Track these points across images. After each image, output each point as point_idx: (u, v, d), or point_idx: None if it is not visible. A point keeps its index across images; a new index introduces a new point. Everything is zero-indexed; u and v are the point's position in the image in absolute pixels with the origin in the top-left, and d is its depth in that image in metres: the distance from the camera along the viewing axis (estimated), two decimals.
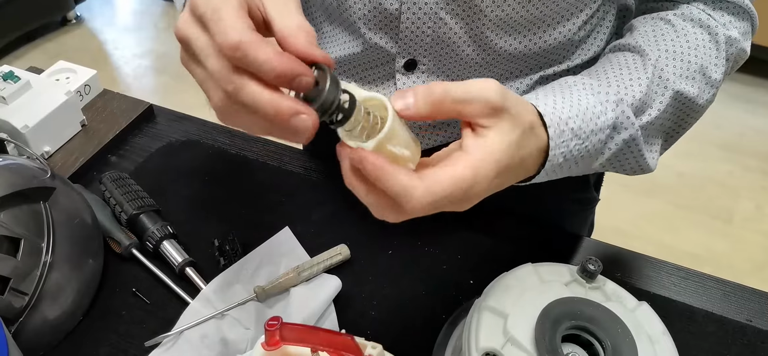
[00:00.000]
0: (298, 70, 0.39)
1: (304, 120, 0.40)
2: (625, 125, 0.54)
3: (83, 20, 3.41)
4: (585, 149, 0.51)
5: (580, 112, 0.51)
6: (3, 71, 0.87)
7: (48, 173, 0.70)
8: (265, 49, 0.38)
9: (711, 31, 0.59)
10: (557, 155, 0.50)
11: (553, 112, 0.50)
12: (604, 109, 0.53)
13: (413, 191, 0.42)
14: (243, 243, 0.74)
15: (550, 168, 0.50)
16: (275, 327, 0.45)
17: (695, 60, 0.58)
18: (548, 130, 0.49)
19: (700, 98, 0.59)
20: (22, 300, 0.63)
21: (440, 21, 0.62)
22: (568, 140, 0.50)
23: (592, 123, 0.51)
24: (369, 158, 0.41)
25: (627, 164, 0.58)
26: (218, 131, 0.92)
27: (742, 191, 2.31)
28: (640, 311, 0.55)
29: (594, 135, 0.52)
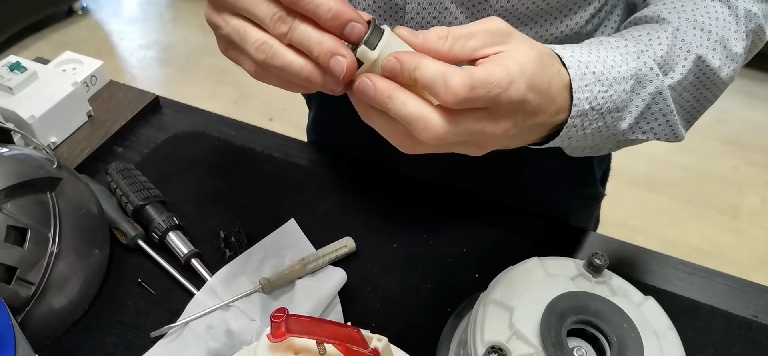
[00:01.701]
0: (352, 15, 0.40)
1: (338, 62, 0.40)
2: (650, 77, 0.52)
3: (89, 11, 3.41)
4: (610, 98, 0.49)
5: (600, 59, 0.50)
6: (10, 62, 0.87)
7: (55, 163, 0.71)
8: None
9: (730, 4, 0.57)
10: (582, 99, 0.48)
11: (571, 55, 0.48)
12: (625, 58, 0.51)
13: (450, 73, 0.40)
14: (248, 235, 0.74)
15: (577, 115, 0.48)
16: (281, 319, 0.45)
17: (716, 30, 0.56)
18: (569, 71, 0.47)
19: (721, 71, 0.57)
20: (29, 290, 0.63)
21: (445, 11, 0.62)
22: (591, 85, 0.48)
23: (613, 71, 0.50)
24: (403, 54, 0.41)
25: (657, 124, 0.55)
26: (224, 123, 0.92)
27: (747, 185, 2.31)
28: (646, 306, 0.55)
29: (617, 83, 0.50)
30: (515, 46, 0.43)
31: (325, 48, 0.40)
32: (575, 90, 0.47)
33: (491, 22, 0.44)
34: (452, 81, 0.39)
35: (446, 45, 0.42)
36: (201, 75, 2.93)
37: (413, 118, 0.41)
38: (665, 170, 2.36)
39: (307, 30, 0.41)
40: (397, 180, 0.82)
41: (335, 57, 0.40)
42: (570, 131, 0.49)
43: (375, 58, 0.41)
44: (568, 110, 0.48)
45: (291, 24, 0.41)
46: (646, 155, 2.37)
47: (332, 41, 0.41)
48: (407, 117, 0.41)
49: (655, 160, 2.38)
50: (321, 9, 0.40)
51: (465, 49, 0.43)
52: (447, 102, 0.40)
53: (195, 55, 3.07)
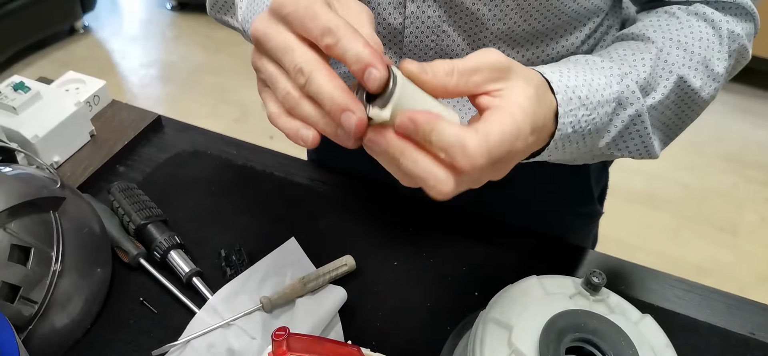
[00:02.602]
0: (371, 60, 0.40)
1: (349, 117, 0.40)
2: (631, 99, 0.54)
3: (91, 30, 3.44)
4: (592, 121, 0.51)
5: (587, 82, 0.51)
6: (14, 82, 0.88)
7: (58, 182, 0.71)
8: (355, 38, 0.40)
9: (714, 25, 0.59)
10: (566, 124, 0.49)
11: (559, 79, 0.50)
12: (609, 82, 0.53)
13: (467, 140, 0.40)
14: (249, 254, 0.74)
15: (559, 138, 0.49)
16: (282, 338, 0.46)
17: (699, 51, 0.58)
18: (557, 96, 0.48)
19: (703, 91, 0.59)
20: (32, 308, 0.64)
21: (443, 34, 0.63)
22: (576, 109, 0.49)
23: (598, 94, 0.51)
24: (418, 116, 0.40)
25: (632, 144, 0.57)
26: (225, 142, 0.93)
27: (746, 203, 2.31)
28: (644, 324, 0.55)
29: (600, 107, 0.51)
30: (515, 83, 0.44)
31: (336, 104, 0.40)
32: (561, 115, 0.48)
33: (491, 54, 0.44)
34: (470, 148, 0.40)
35: (453, 81, 0.43)
36: (202, 93, 2.95)
37: (423, 176, 0.41)
38: (664, 187, 2.36)
39: (322, 84, 0.41)
40: (397, 199, 0.82)
41: (346, 113, 0.40)
42: (550, 150, 0.50)
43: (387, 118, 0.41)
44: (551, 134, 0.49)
45: (308, 76, 0.41)
46: (645, 172, 2.38)
47: (344, 96, 0.40)
48: (417, 175, 0.41)
49: (654, 177, 2.39)
50: (348, 54, 0.40)
51: (469, 84, 0.43)
52: (464, 168, 0.40)
53: (196, 74, 3.08)
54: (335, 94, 0.40)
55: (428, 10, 0.61)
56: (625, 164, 0.62)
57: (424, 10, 0.61)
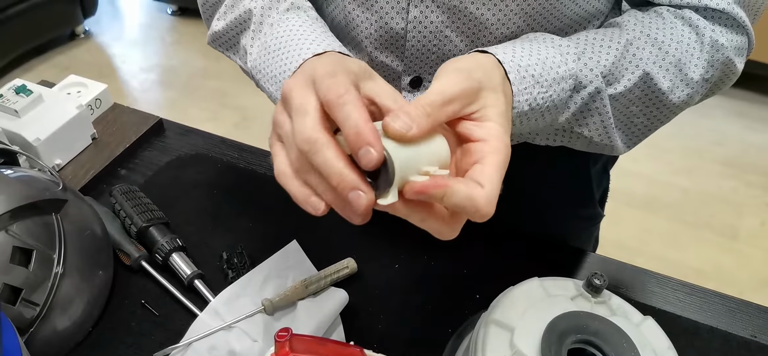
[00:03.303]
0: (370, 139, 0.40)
1: (358, 197, 0.41)
2: (589, 78, 0.55)
3: (92, 34, 3.44)
4: (549, 98, 0.52)
5: (540, 61, 0.52)
6: (16, 85, 0.88)
7: (59, 185, 0.71)
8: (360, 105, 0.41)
9: (698, 31, 0.59)
10: (522, 102, 0.51)
11: (511, 60, 0.51)
12: (564, 59, 0.53)
13: (477, 198, 0.41)
14: (251, 256, 0.74)
15: (516, 116, 0.51)
16: (285, 338, 0.46)
17: (674, 52, 0.58)
18: (509, 76, 0.50)
19: (672, 93, 0.58)
20: (34, 311, 0.64)
21: (446, 39, 0.63)
22: (530, 88, 0.51)
23: (552, 71, 0.52)
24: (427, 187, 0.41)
25: (592, 123, 0.58)
26: (226, 146, 0.93)
27: (745, 207, 2.31)
28: (645, 326, 0.55)
29: (556, 83, 0.53)
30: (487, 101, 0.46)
31: (345, 182, 0.41)
32: (515, 93, 0.50)
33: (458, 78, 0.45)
34: (481, 204, 0.41)
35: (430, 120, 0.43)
36: (202, 98, 2.95)
37: (431, 230, 0.44)
38: (664, 192, 2.37)
39: (329, 158, 0.41)
40: None
41: (355, 192, 0.41)
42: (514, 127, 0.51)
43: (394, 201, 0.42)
44: None
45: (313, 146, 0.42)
46: (645, 176, 2.39)
47: (352, 176, 0.41)
48: (426, 228, 0.44)
49: (654, 181, 2.39)
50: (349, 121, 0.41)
51: (447, 114, 0.44)
52: (478, 220, 0.42)
53: (196, 78, 3.09)
54: (344, 172, 0.41)
55: (431, 16, 0.61)
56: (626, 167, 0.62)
57: (427, 16, 0.61)
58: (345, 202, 0.42)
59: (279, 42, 0.58)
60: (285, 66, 0.57)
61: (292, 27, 0.59)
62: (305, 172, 0.44)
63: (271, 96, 0.60)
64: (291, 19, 0.60)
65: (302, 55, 0.55)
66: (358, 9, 0.64)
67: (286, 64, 0.57)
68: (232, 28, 0.67)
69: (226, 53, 0.71)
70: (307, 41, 0.56)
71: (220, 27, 0.68)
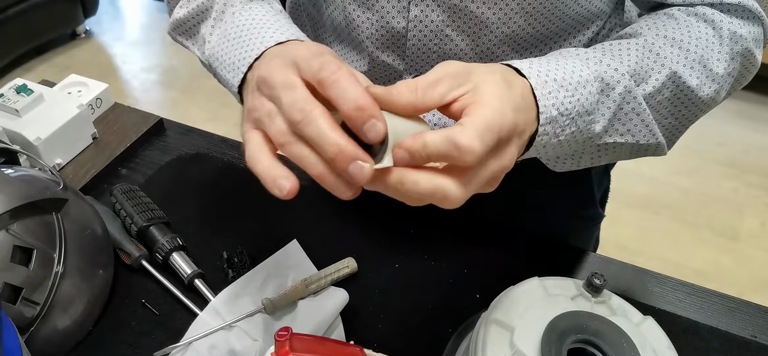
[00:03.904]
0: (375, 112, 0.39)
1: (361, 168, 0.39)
2: (616, 77, 0.53)
3: (92, 34, 3.44)
4: (577, 102, 0.50)
5: (559, 66, 0.50)
6: (16, 84, 0.89)
7: (60, 184, 0.71)
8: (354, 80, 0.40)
9: (715, 25, 0.58)
10: (548, 106, 0.48)
11: (529, 67, 0.49)
12: (585, 64, 0.52)
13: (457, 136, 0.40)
14: (251, 256, 0.75)
15: (547, 121, 0.48)
16: (285, 338, 0.46)
17: (695, 50, 0.56)
18: (529, 80, 0.48)
19: (701, 90, 0.57)
20: (34, 310, 0.64)
21: (446, 38, 0.63)
22: (554, 91, 0.48)
23: (575, 75, 0.50)
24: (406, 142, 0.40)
25: (634, 126, 0.55)
26: (227, 145, 0.93)
27: (746, 208, 2.31)
28: (645, 325, 0.55)
29: (582, 87, 0.50)
30: (479, 79, 0.44)
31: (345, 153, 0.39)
32: (539, 98, 0.48)
33: (448, 66, 0.45)
34: (463, 142, 0.40)
35: (418, 96, 0.43)
36: (203, 98, 2.95)
37: (429, 192, 0.41)
38: (665, 192, 2.36)
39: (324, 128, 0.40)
40: (399, 201, 0.82)
41: (356, 163, 0.39)
42: (543, 139, 0.49)
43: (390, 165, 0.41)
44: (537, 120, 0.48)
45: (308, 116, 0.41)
46: (646, 176, 2.38)
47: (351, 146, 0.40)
48: (424, 194, 0.41)
49: (655, 182, 2.39)
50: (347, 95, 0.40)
51: (434, 95, 0.43)
52: (467, 162, 0.40)
53: (197, 79, 3.09)
54: (342, 143, 0.40)
55: (432, 15, 0.61)
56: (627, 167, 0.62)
57: (427, 15, 0.61)
58: (340, 173, 0.41)
59: (240, 30, 0.57)
60: (245, 53, 0.55)
61: (255, 16, 0.58)
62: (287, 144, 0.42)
63: (228, 84, 0.59)
64: (254, 8, 0.59)
65: (265, 43, 0.54)
66: (359, 9, 0.64)
67: (247, 51, 0.55)
68: (193, 17, 0.67)
69: (185, 43, 0.70)
70: (270, 30, 0.55)
71: (182, 14, 0.67)
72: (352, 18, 0.64)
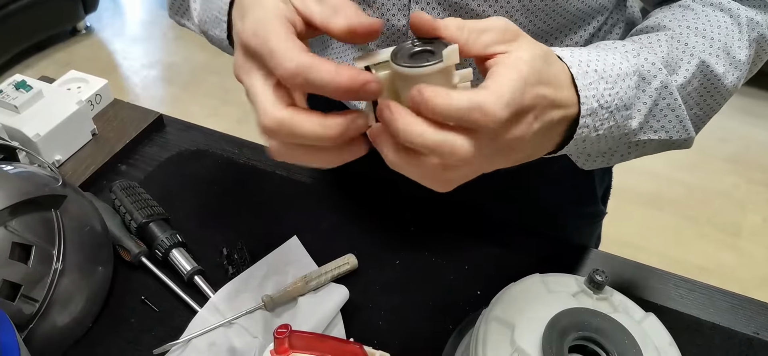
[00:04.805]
0: (361, 78, 0.39)
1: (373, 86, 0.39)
2: (653, 72, 0.51)
3: (93, 30, 3.44)
4: (617, 95, 0.48)
5: (600, 58, 0.49)
6: (15, 80, 0.88)
7: (59, 181, 0.71)
8: (326, 67, 0.39)
9: (732, 13, 0.57)
10: (590, 97, 0.47)
11: (570, 55, 0.48)
12: (625, 57, 0.51)
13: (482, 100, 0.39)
14: (251, 252, 0.74)
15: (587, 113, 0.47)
16: (284, 335, 0.46)
17: (718, 38, 0.56)
18: (571, 69, 0.47)
19: (726, 78, 0.56)
20: (33, 307, 0.64)
21: None
22: (595, 82, 0.47)
23: (615, 68, 0.49)
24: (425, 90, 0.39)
25: (668, 122, 0.54)
26: (227, 141, 0.93)
27: (748, 204, 2.31)
28: (647, 322, 0.55)
29: (621, 80, 0.49)
30: (521, 44, 0.43)
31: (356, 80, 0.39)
32: (581, 88, 0.46)
33: (498, 20, 0.44)
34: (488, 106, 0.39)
35: (464, 36, 0.42)
36: (204, 94, 2.95)
37: (437, 144, 0.39)
38: (667, 188, 2.36)
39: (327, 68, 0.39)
40: (399, 197, 0.82)
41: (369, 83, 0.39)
42: (583, 132, 0.48)
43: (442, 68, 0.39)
44: (577, 104, 0.47)
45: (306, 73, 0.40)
46: (648, 173, 2.38)
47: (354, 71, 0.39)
48: (431, 145, 0.39)
49: (657, 178, 2.39)
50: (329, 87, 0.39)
51: (478, 43, 0.42)
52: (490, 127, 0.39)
53: (198, 74, 3.09)
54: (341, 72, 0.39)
55: (432, 13, 0.61)
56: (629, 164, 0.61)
57: (428, 13, 0.60)
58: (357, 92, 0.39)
59: None
60: (220, 1, 0.55)
61: None
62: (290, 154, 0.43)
63: (222, 44, 0.58)
64: None
65: None
66: (360, 6, 0.63)
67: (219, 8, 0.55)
68: None
69: (182, 21, 0.70)
70: None
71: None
72: None
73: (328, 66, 0.39)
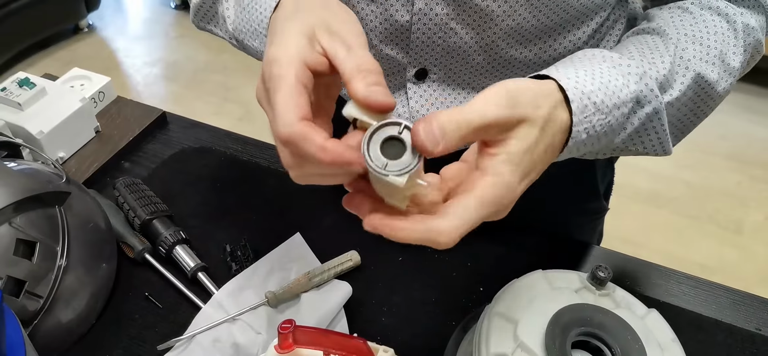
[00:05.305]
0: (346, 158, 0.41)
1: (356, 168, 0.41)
2: (649, 98, 0.52)
3: (95, 29, 3.44)
4: (607, 123, 0.49)
5: (603, 85, 0.49)
6: (19, 78, 0.88)
7: (63, 177, 0.71)
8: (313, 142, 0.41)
9: (729, 19, 0.58)
10: (581, 131, 0.48)
11: (575, 86, 0.48)
12: (627, 81, 0.50)
13: (438, 234, 0.42)
14: (254, 249, 0.74)
15: (573, 145, 0.48)
16: (288, 330, 0.46)
17: (714, 45, 0.56)
18: (572, 106, 0.47)
19: (718, 85, 0.57)
20: (37, 303, 0.64)
21: (451, 31, 0.62)
22: (591, 116, 0.48)
23: (615, 97, 0.49)
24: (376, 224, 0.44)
25: (648, 141, 0.55)
26: (230, 139, 0.93)
27: (750, 201, 2.31)
28: (650, 318, 0.55)
29: (617, 109, 0.50)
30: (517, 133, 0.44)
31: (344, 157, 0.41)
32: (575, 124, 0.47)
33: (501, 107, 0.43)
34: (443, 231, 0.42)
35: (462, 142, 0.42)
36: (206, 92, 2.95)
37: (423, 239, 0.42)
38: (668, 186, 2.36)
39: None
40: None
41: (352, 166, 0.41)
42: (561, 156, 0.50)
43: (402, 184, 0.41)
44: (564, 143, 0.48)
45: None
46: (649, 171, 2.38)
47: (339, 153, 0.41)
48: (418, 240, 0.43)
49: (658, 176, 2.39)
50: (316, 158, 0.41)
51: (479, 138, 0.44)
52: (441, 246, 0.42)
53: (200, 73, 3.09)
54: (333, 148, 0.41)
55: (436, 8, 0.60)
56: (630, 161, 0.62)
57: (431, 7, 0.61)
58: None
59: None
60: (261, 15, 0.55)
61: None
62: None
63: (257, 54, 0.59)
64: None
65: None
66: (362, 1, 0.63)
67: (262, 11, 0.55)
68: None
69: (208, 27, 0.70)
70: None
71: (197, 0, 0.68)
72: (357, 10, 0.64)
73: (318, 141, 0.41)
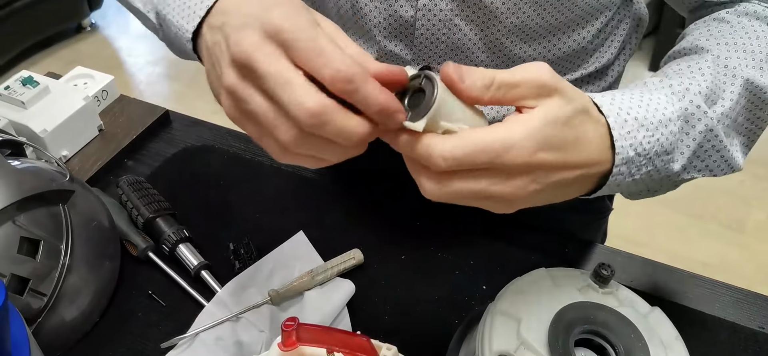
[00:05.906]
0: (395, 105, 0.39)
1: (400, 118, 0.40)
2: (697, 115, 0.50)
3: (98, 28, 3.45)
4: (657, 141, 0.47)
5: (643, 103, 0.48)
6: (22, 76, 0.89)
7: (67, 176, 0.71)
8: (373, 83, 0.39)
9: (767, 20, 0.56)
10: (626, 147, 0.46)
11: (611, 103, 0.47)
12: (670, 99, 0.49)
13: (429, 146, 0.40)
14: (257, 247, 0.74)
15: (622, 162, 0.46)
16: (292, 328, 0.46)
17: (759, 49, 0.55)
18: (608, 119, 0.46)
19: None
20: (41, 301, 0.64)
21: (455, 28, 0.62)
22: (634, 131, 0.46)
23: (658, 113, 0.48)
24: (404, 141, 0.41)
25: (712, 162, 0.53)
26: (233, 137, 0.93)
27: (753, 200, 2.30)
28: (653, 316, 0.55)
29: (663, 126, 0.48)
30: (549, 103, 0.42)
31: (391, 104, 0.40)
32: (616, 138, 0.46)
33: (541, 70, 0.43)
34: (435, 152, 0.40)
35: (488, 95, 0.42)
36: (209, 91, 2.90)
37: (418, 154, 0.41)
38: None
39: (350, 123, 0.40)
40: (405, 192, 0.82)
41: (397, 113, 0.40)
42: (617, 179, 0.47)
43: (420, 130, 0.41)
44: (610, 160, 0.46)
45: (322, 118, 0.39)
46: None
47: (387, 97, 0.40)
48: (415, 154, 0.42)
49: None
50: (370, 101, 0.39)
51: (507, 98, 0.42)
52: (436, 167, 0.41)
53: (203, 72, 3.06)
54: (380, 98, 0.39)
55: (440, 3, 0.60)
56: None
57: (436, 3, 0.61)
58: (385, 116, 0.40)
59: None
60: None
61: None
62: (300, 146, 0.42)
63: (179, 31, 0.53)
64: None
65: None
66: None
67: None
68: None
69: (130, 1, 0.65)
70: None
71: None
72: (360, 6, 0.64)
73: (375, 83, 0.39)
